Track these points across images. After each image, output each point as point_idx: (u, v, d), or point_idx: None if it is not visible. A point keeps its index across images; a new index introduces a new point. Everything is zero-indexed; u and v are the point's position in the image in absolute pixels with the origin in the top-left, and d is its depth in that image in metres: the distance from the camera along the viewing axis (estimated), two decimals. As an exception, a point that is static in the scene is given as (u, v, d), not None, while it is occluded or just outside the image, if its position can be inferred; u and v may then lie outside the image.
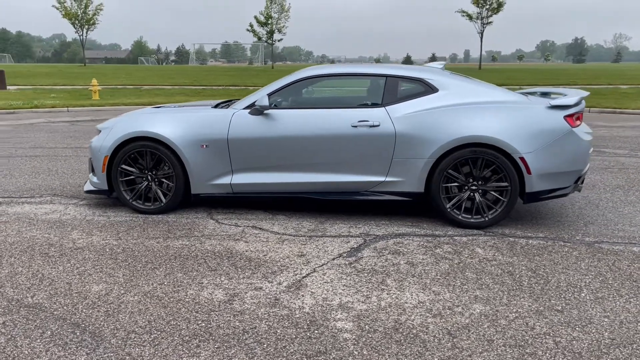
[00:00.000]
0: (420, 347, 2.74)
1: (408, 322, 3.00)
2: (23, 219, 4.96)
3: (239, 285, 3.49)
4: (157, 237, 4.46)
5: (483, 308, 3.17)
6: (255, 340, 2.81)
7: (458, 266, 3.81)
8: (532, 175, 4.48)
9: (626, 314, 3.10)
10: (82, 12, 55.37)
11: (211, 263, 3.87)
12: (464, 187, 4.63)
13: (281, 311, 3.14)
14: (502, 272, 3.70)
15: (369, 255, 4.02)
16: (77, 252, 4.11)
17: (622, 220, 4.90)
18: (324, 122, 4.72)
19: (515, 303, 3.24)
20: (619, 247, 4.20)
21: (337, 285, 3.49)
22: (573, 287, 3.47)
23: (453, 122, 4.54)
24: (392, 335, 2.87)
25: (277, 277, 3.62)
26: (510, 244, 4.26)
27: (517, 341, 2.80)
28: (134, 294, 3.37)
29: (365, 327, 2.95)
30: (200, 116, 4.99)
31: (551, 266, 3.81)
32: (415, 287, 3.47)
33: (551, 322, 3.00)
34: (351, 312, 3.12)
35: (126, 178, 5.10)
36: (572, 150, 4.51)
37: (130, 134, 4.98)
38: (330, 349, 2.73)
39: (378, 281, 3.56)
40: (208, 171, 4.95)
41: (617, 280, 3.57)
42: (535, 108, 4.56)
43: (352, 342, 2.80)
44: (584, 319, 3.04)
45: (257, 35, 58.40)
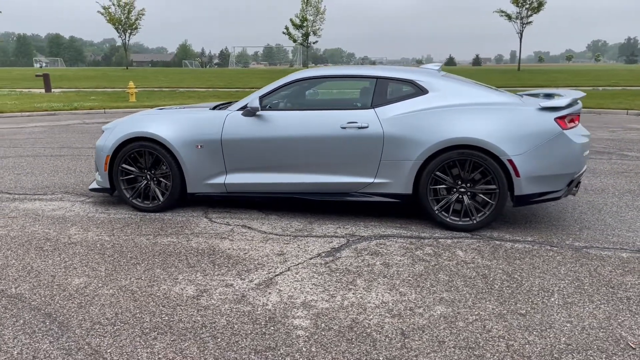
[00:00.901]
0: (369, 346, 2.77)
1: (365, 322, 3.03)
2: (30, 215, 5.21)
3: (212, 282, 3.59)
4: (148, 234, 4.61)
5: (445, 310, 3.17)
6: (210, 335, 2.90)
7: (433, 268, 3.80)
8: (521, 178, 4.41)
9: (591, 319, 3.04)
10: (125, 18, 57.28)
11: (192, 260, 3.99)
12: (452, 189, 4.60)
13: (244, 307, 3.21)
14: (476, 275, 3.67)
15: (347, 256, 4.05)
16: (69, 247, 4.30)
17: (620, 225, 4.76)
18: (313, 124, 4.78)
19: (480, 306, 3.21)
20: (607, 253, 4.09)
21: (306, 284, 3.54)
22: (545, 291, 3.41)
23: (441, 123, 4.52)
24: (345, 333, 2.90)
25: (251, 275, 3.70)
26: (494, 247, 4.21)
27: (468, 343, 2.79)
28: (110, 287, 3.51)
29: (321, 325, 2.99)
30: (196, 117, 5.13)
31: (529, 270, 3.75)
32: (383, 287, 3.48)
33: (510, 325, 2.97)
34: (312, 311, 3.17)
35: (126, 177, 5.29)
36: (563, 152, 4.42)
37: (130, 134, 5.16)
38: (281, 345, 2.79)
39: (348, 281, 3.59)
40: (203, 171, 5.08)
41: (593, 286, 3.49)
42: (526, 110, 4.49)
43: (304, 339, 2.84)
44: (545, 323, 3.00)
45: (292, 37, 58.82)
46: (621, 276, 3.64)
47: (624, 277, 3.62)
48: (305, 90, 5.21)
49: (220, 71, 71.13)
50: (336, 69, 5.12)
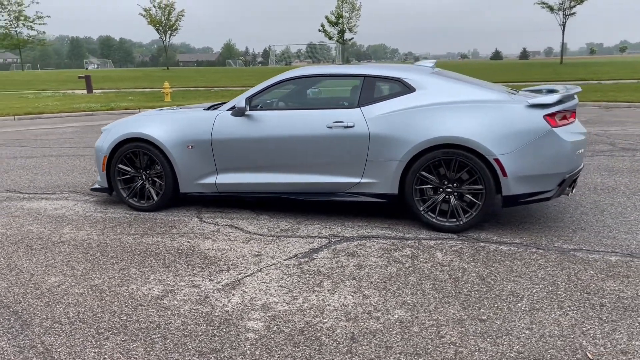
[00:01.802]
0: (314, 350, 2.73)
1: (318, 325, 2.99)
2: (32, 214, 5.39)
3: (180, 282, 3.62)
4: (136, 233, 4.69)
5: (403, 314, 3.09)
6: (161, 336, 2.92)
7: (406, 270, 3.72)
8: (508, 178, 4.26)
9: (554, 327, 2.91)
10: (165, 19, 58.68)
11: (168, 260, 4.03)
12: (439, 189, 4.49)
13: (203, 309, 3.23)
14: (447, 278, 3.57)
15: (323, 257, 4.01)
16: (57, 245, 4.42)
17: (619, 227, 4.54)
18: (300, 123, 4.76)
19: (441, 310, 3.12)
20: (595, 256, 3.91)
21: (273, 286, 3.52)
22: (514, 296, 3.29)
23: (426, 122, 4.41)
24: (294, 337, 2.87)
25: (221, 276, 3.71)
26: (476, 249, 4.09)
27: (416, 349, 2.72)
28: (82, 286, 3.59)
29: (273, 328, 2.97)
30: (187, 118, 5.18)
31: (505, 274, 3.62)
32: (349, 290, 3.43)
33: (466, 331, 2.88)
34: (269, 313, 3.15)
35: (123, 177, 5.40)
36: (553, 151, 4.24)
37: (125, 135, 5.26)
38: (227, 347, 2.79)
39: (315, 283, 3.55)
40: (194, 171, 5.13)
41: (568, 291, 3.34)
42: (513, 107, 4.33)
43: (252, 342, 2.83)
44: (503, 330, 2.89)
45: (328, 35, 58.68)
46: (602, 281, 3.47)
47: (605, 283, 3.44)
48: (295, 89, 5.19)
49: (260, 70, 71.75)
50: (325, 68, 5.07)
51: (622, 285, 3.40)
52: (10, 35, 51.29)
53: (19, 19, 51.41)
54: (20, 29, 51.69)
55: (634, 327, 2.88)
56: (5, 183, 6.93)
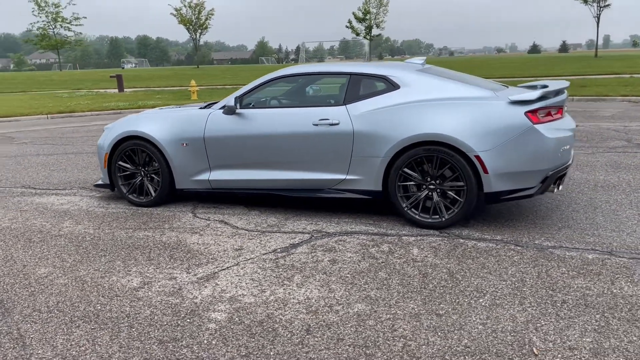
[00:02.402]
0: (267, 341, 2.83)
1: (278, 317, 3.09)
2: (39, 209, 5.65)
3: (159, 275, 3.77)
4: (130, 227, 4.88)
5: (363, 308, 3.16)
6: (128, 325, 3.07)
7: (378, 266, 3.78)
8: (489, 175, 4.27)
9: (509, 323, 2.93)
10: (195, 18, 59.72)
11: (153, 253, 4.19)
12: (422, 186, 4.52)
13: (174, 300, 3.36)
14: (417, 274, 3.62)
15: (300, 252, 4.10)
16: (55, 238, 4.64)
17: (607, 225, 4.48)
18: (288, 121, 4.85)
19: (401, 305, 3.18)
20: (573, 254, 3.89)
21: (245, 279, 3.64)
22: (478, 292, 3.32)
23: (408, 119, 4.45)
24: (252, 328, 2.98)
25: (198, 269, 3.84)
26: (454, 246, 4.11)
27: (366, 342, 2.79)
28: (67, 277, 3.78)
29: (235, 319, 3.08)
30: (181, 116, 5.35)
31: (475, 270, 3.65)
32: (316, 284, 3.52)
33: (419, 326, 2.93)
34: (234, 305, 3.26)
35: (123, 174, 5.61)
36: (534, 148, 4.22)
37: (124, 133, 5.46)
38: (187, 337, 2.91)
39: (286, 277, 3.65)
40: (189, 168, 5.29)
41: (534, 288, 3.35)
42: (495, 104, 4.33)
43: (211, 332, 2.95)
44: (456, 324, 2.93)
45: (355, 31, 58.48)
46: (571, 279, 3.46)
47: (574, 280, 3.44)
48: (284, 87, 5.29)
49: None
50: (313, 67, 5.16)
51: (590, 283, 3.38)
52: (49, 36, 53.07)
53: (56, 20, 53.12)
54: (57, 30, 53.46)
55: (589, 324, 2.88)
56: (23, 179, 7.25)
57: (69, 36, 54.19)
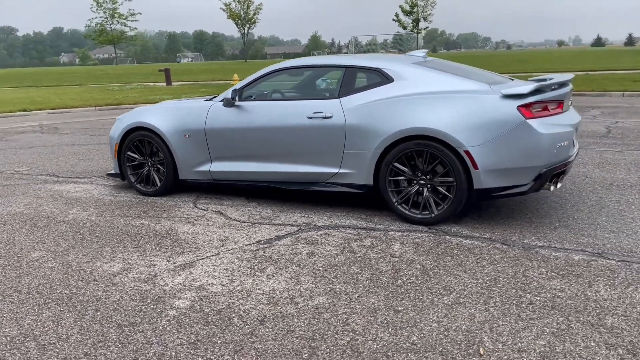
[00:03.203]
0: (219, 329, 2.87)
1: (238, 307, 3.12)
2: (54, 196, 5.90)
3: (140, 262, 3.88)
4: (130, 216, 5.03)
5: (324, 301, 3.15)
6: (95, 308, 3.18)
7: (353, 260, 3.75)
8: (479, 171, 4.15)
9: (465, 322, 2.86)
10: (244, 13, 60.66)
11: (143, 241, 4.31)
12: (413, 181, 4.45)
13: (145, 286, 3.45)
14: (389, 269, 3.57)
15: (283, 244, 4.12)
16: (58, 224, 4.84)
17: (607, 226, 4.28)
18: (283, 114, 4.87)
19: (363, 300, 3.15)
20: (559, 254, 3.73)
21: (219, 269, 3.69)
22: (445, 290, 3.24)
23: (399, 113, 4.38)
24: (209, 316, 3.03)
25: (179, 257, 3.93)
26: (438, 243, 4.03)
27: (314, 334, 2.78)
28: (56, 261, 3.94)
29: (196, 307, 3.14)
30: (184, 108, 5.46)
31: (450, 268, 3.56)
32: (286, 276, 3.53)
33: (373, 321, 2.90)
34: (201, 293, 3.32)
35: (132, 163, 5.78)
36: (526, 144, 4.07)
37: (132, 124, 5.63)
38: (144, 322, 2.99)
39: (260, 268, 3.68)
40: (191, 159, 5.40)
41: (504, 287, 3.24)
42: (487, 98, 4.19)
43: (169, 318, 3.02)
44: (411, 321, 2.88)
45: (402, 24, 57.59)
46: (547, 280, 3.33)
47: (549, 281, 3.30)
48: (283, 80, 5.30)
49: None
50: (310, 60, 5.15)
51: (565, 285, 3.25)
52: (106, 32, 55.20)
53: (113, 17, 55.17)
54: (114, 25, 55.54)
55: (549, 327, 2.77)
56: (50, 168, 7.59)
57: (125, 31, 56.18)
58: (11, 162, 8.19)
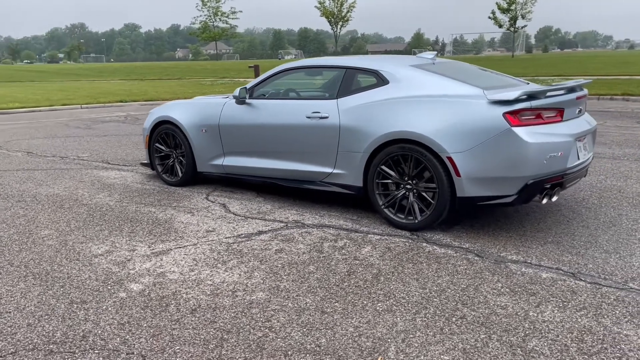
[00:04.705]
0: (151, 314, 3.05)
1: (180, 295, 3.29)
2: (93, 181, 6.43)
3: (125, 246, 4.17)
4: (143, 203, 5.38)
5: (262, 297, 3.24)
6: (61, 285, 3.48)
7: (316, 259, 3.79)
8: (461, 178, 4.02)
9: (383, 330, 2.82)
10: (337, 11, 61.21)
11: (139, 227, 4.62)
12: (400, 185, 4.39)
13: (115, 269, 3.72)
14: (343, 272, 3.58)
15: (260, 239, 4.24)
16: (80, 207, 5.29)
17: (604, 245, 3.97)
18: (285, 112, 4.99)
19: (299, 299, 3.20)
20: (528, 270, 3.54)
21: (188, 259, 3.88)
22: (385, 296, 3.21)
23: (388, 116, 4.34)
24: (151, 301, 3.22)
25: (160, 245, 4.18)
26: (409, 248, 3.96)
27: (232, 327, 2.88)
28: (57, 240, 4.34)
29: (145, 292, 3.35)
30: (204, 104, 5.73)
31: (406, 275, 3.50)
32: (243, 270, 3.65)
33: (294, 320, 2.94)
34: (157, 279, 3.53)
35: (159, 154, 6.16)
36: (511, 153, 3.88)
37: (159, 117, 6.00)
38: (93, 301, 3.24)
39: (224, 260, 3.83)
40: (208, 152, 5.67)
41: (445, 300, 3.15)
42: (474, 104, 4.04)
43: (115, 299, 3.25)
44: (330, 324, 2.89)
45: (498, 22, 54.83)
46: (496, 295, 3.18)
47: (497, 297, 3.16)
48: (291, 80, 5.40)
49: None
50: (316, 60, 5.21)
51: (512, 302, 3.09)
52: (209, 29, 58.15)
53: (216, 15, 57.96)
54: (216, 23, 58.32)
55: (465, 343, 2.67)
56: (107, 155, 8.24)
57: (225, 28, 58.83)
58: (79, 148, 8.97)
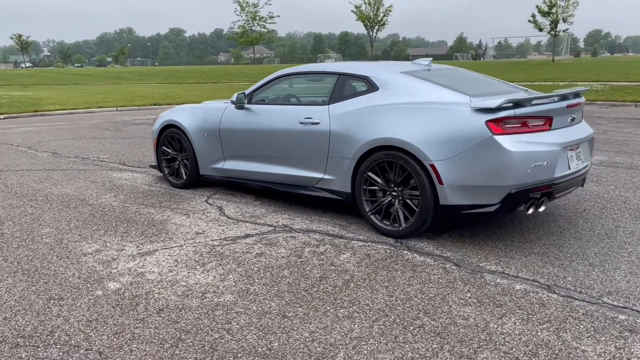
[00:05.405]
0: (119, 312, 3.16)
1: (152, 295, 3.39)
2: (104, 182, 6.64)
3: (115, 246, 4.30)
4: (145, 204, 5.54)
5: (230, 299, 3.30)
6: (45, 282, 3.63)
7: (293, 264, 3.83)
8: (444, 186, 3.99)
9: (337, 336, 2.84)
10: (373, 15, 61.13)
11: (133, 227, 4.75)
12: (386, 192, 4.39)
13: (99, 267, 3.85)
14: (316, 277, 3.60)
15: (244, 242, 4.31)
16: (84, 206, 5.48)
17: (591, 258, 3.87)
18: (279, 118, 5.06)
19: (265, 302, 3.25)
20: (503, 282, 3.49)
21: (169, 260, 3.98)
22: (349, 303, 3.22)
23: (374, 122, 4.35)
24: (124, 300, 3.32)
25: (147, 245, 4.29)
26: (389, 256, 3.95)
27: (192, 328, 2.95)
28: (54, 238, 4.51)
29: (120, 291, 3.46)
30: (206, 108, 5.85)
31: (377, 283, 3.50)
32: (219, 272, 3.72)
33: (254, 323, 2.99)
34: (135, 279, 3.64)
35: (166, 157, 6.33)
36: (493, 161, 3.82)
37: (166, 121, 6.17)
38: (70, 298, 3.37)
39: (203, 262, 3.91)
40: (209, 156, 5.79)
41: (409, 308, 3.14)
42: (458, 111, 4.00)
43: (90, 297, 3.37)
44: (287, 328, 2.93)
45: (538, 26, 53.28)
46: (461, 306, 3.15)
47: (462, 308, 3.13)
48: (285, 86, 5.46)
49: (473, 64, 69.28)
50: (312, 66, 5.27)
51: (475, 313, 3.06)
52: (247, 33, 59.06)
53: (254, 19, 58.80)
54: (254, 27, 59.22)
55: (414, 352, 2.66)
56: (126, 157, 8.49)
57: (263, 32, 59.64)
58: (102, 150, 9.27)
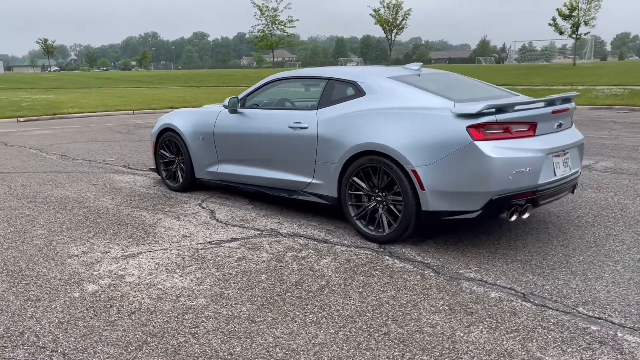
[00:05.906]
0: (92, 314, 3.20)
1: (127, 298, 3.42)
2: (105, 184, 6.74)
3: (101, 248, 4.36)
4: (139, 207, 5.60)
5: (202, 303, 3.31)
6: (26, 282, 3.69)
7: (272, 268, 3.84)
8: (426, 192, 3.96)
9: (300, 342, 2.83)
10: (392, 18, 60.91)
11: (122, 230, 4.81)
12: (371, 197, 4.37)
13: (81, 269, 3.91)
14: (292, 282, 3.60)
15: (228, 246, 4.33)
16: (80, 209, 5.57)
17: (574, 267, 3.80)
18: (270, 122, 5.07)
19: (236, 307, 3.26)
20: (478, 289, 3.45)
21: (151, 263, 4.02)
22: (320, 308, 3.21)
23: (358, 127, 4.34)
24: (98, 302, 3.36)
25: (133, 248, 4.34)
26: (369, 261, 3.93)
27: (159, 331, 2.97)
28: (42, 239, 4.59)
29: (97, 293, 3.50)
30: (202, 112, 5.90)
31: (352, 288, 3.49)
32: (197, 275, 3.74)
33: (222, 327, 3.00)
34: (114, 282, 3.68)
35: (164, 160, 6.39)
36: (474, 167, 3.78)
37: (164, 125, 6.23)
38: (47, 300, 3.42)
39: (184, 265, 3.94)
40: (204, 160, 5.83)
41: (379, 314, 3.12)
42: (440, 116, 3.97)
43: (67, 298, 3.41)
44: (252, 333, 2.93)
45: (559, 29, 52.29)
46: (431, 313, 3.12)
47: (431, 315, 3.10)
48: (278, 90, 5.47)
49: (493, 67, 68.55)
50: (297, 72, 5.27)
51: (443, 321, 3.02)
52: (266, 37, 59.38)
53: (274, 23, 59.11)
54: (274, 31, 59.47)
55: (372, 359, 2.64)
56: (130, 160, 8.60)
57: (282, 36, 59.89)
58: (110, 153, 9.40)
